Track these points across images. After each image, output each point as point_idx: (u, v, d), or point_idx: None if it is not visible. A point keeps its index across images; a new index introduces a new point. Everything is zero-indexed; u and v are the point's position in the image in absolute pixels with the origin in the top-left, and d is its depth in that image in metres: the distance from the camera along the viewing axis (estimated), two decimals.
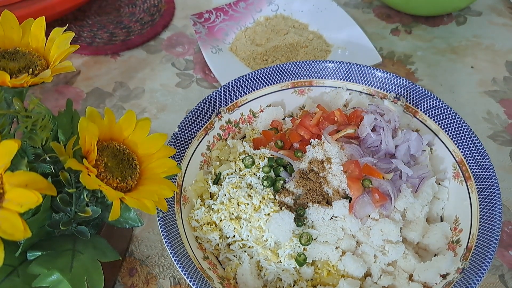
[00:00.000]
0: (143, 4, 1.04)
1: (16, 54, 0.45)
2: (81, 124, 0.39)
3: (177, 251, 0.50)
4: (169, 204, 0.55)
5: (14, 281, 0.40)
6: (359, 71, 0.69)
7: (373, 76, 0.68)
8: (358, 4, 1.03)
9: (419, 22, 0.97)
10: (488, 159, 0.56)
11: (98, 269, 0.42)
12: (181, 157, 0.61)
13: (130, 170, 0.43)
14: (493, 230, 0.51)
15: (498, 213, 0.51)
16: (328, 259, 0.54)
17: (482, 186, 0.55)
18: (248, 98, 0.69)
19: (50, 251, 0.41)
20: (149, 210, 0.40)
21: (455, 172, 0.60)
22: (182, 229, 0.55)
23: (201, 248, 0.56)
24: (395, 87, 0.67)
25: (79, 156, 0.40)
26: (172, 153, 0.46)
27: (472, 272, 0.48)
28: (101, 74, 0.88)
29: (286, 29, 0.93)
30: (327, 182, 0.56)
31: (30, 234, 0.31)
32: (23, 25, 0.46)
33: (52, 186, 0.34)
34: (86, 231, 0.44)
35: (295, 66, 0.70)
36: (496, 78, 0.85)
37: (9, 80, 0.40)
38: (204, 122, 0.65)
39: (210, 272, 0.52)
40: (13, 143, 0.32)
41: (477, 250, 0.51)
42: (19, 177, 0.33)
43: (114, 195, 0.39)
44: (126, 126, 0.45)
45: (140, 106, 0.82)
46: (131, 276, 0.60)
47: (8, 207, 0.32)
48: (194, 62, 0.90)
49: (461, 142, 0.60)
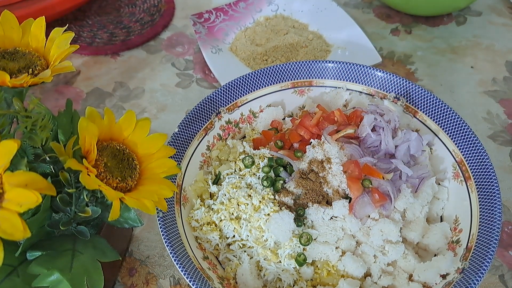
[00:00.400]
0: (143, 4, 1.04)
1: (16, 54, 0.45)
2: (81, 124, 0.39)
3: (177, 251, 0.50)
4: (169, 204, 0.55)
5: (14, 281, 0.40)
6: (359, 71, 0.69)
7: (373, 76, 0.68)
8: (358, 4, 1.03)
9: (419, 22, 0.97)
10: (488, 159, 0.56)
11: (98, 269, 0.42)
12: (181, 157, 0.61)
13: (130, 170, 0.43)
14: (493, 230, 0.51)
15: (498, 213, 0.51)
16: (328, 259, 0.54)
17: (482, 186, 0.55)
18: (248, 98, 0.69)
19: (50, 251, 0.41)
20: (149, 210, 0.40)
21: (455, 172, 0.60)
22: (182, 229, 0.55)
23: (201, 248, 0.56)
24: (395, 87, 0.67)
25: (79, 156, 0.40)
26: (172, 153, 0.46)
27: (472, 272, 0.48)
28: (101, 74, 0.88)
29: (286, 29, 0.93)
30: (327, 182, 0.56)
31: (29, 234, 0.31)
32: (23, 25, 0.46)
33: (51, 186, 0.34)
34: (86, 231, 0.44)
35: (295, 66, 0.70)
36: (496, 78, 0.85)
37: (9, 80, 0.40)
38: (204, 122, 0.65)
39: (210, 272, 0.52)
40: (12, 143, 0.32)
41: (477, 250, 0.51)
42: (19, 177, 0.33)
43: (114, 195, 0.39)
44: (126, 126, 0.45)
45: (140, 106, 0.82)
46: (131, 276, 0.60)
47: (7, 207, 0.32)
48: (194, 62, 0.90)
49: (461, 142, 0.60)
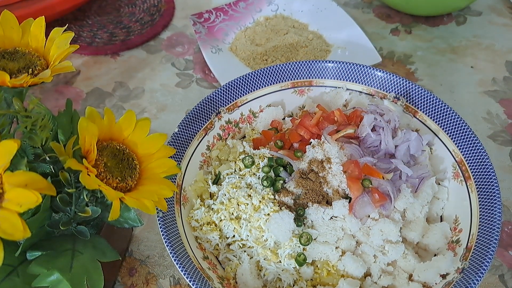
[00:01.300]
0: (143, 4, 1.04)
1: (15, 54, 0.45)
2: (81, 124, 0.39)
3: (177, 251, 0.50)
4: (169, 204, 0.55)
5: (14, 281, 0.40)
6: (359, 71, 0.69)
7: (373, 76, 0.68)
8: (358, 4, 1.03)
9: (419, 22, 0.97)
10: (488, 159, 0.56)
11: (98, 269, 0.42)
12: (181, 157, 0.61)
13: (130, 170, 0.43)
14: (493, 230, 0.51)
15: (498, 213, 0.51)
16: (328, 259, 0.54)
17: (482, 186, 0.55)
18: (248, 98, 0.69)
19: (49, 251, 0.41)
20: (149, 210, 0.40)
21: (455, 172, 0.60)
22: (182, 229, 0.55)
23: (201, 248, 0.56)
24: (395, 87, 0.67)
25: (79, 156, 0.40)
26: (171, 153, 0.46)
27: (472, 272, 0.48)
28: (101, 74, 0.88)
29: (286, 29, 0.93)
30: (327, 182, 0.56)
31: (30, 234, 0.31)
32: (23, 25, 0.46)
33: (51, 186, 0.34)
34: (86, 231, 0.44)
35: (295, 66, 0.70)
36: (496, 78, 0.85)
37: (9, 80, 0.39)
38: (204, 122, 0.65)
39: (210, 272, 0.52)
40: (12, 143, 0.32)
41: (477, 250, 0.51)
42: (19, 177, 0.33)
43: (114, 195, 0.39)
44: (126, 126, 0.45)
45: (140, 106, 0.82)
46: (131, 276, 0.60)
47: (7, 207, 0.32)
48: (194, 62, 0.90)
49: (461, 142, 0.60)
